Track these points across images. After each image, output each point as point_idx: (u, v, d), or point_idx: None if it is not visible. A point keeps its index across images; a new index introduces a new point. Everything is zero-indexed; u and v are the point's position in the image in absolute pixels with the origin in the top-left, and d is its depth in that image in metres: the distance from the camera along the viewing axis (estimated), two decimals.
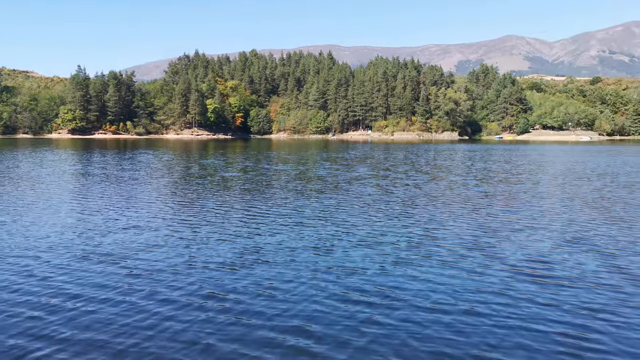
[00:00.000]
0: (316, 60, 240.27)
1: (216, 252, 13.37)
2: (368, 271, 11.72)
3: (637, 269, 11.92)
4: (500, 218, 18.58)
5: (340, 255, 13.09)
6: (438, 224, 17.33)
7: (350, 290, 10.40)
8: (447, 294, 10.25)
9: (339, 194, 25.02)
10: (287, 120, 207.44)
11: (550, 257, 12.97)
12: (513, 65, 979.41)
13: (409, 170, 40.98)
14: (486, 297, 10.05)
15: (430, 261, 12.59)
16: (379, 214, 19.38)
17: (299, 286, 10.60)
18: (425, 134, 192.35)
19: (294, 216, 18.75)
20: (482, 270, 11.81)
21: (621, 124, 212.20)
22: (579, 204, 22.21)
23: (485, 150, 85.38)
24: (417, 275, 11.45)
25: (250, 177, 33.68)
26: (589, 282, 10.94)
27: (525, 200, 23.33)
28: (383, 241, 14.71)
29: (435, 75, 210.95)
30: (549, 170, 41.42)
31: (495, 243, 14.48)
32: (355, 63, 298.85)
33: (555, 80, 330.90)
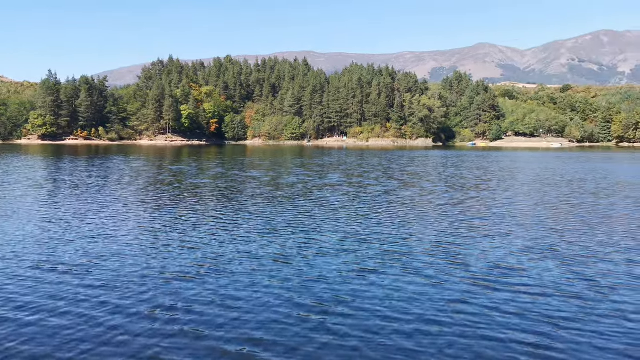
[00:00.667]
0: (291, 66, 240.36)
1: (175, 261, 13.10)
2: (328, 279, 11.57)
3: (599, 277, 11.96)
4: (467, 225, 18.62)
5: (302, 264, 12.92)
6: (405, 232, 17.28)
7: (307, 298, 10.25)
8: (407, 302, 10.14)
9: (308, 201, 24.86)
10: (262, 127, 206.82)
11: (514, 265, 12.96)
12: (486, 72, 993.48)
13: (381, 176, 41.08)
14: (446, 305, 9.96)
15: (392, 269, 12.47)
16: (345, 221, 19.27)
17: (253, 294, 10.42)
18: (400, 141, 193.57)
19: (258, 224, 18.53)
20: (444, 278, 11.73)
21: (590, 130, 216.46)
22: (546, 211, 22.41)
23: (458, 156, 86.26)
24: (377, 283, 11.34)
25: (219, 184, 33.36)
26: (552, 290, 10.91)
27: (493, 207, 23.48)
28: (347, 249, 14.58)
29: (409, 82, 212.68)
30: (519, 177, 41.95)
31: (460, 251, 14.45)
32: (331, 69, 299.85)
33: (526, 87, 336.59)
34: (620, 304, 10.08)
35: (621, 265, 12.96)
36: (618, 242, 15.74)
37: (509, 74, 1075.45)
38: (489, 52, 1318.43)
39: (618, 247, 14.92)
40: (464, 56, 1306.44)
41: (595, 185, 34.56)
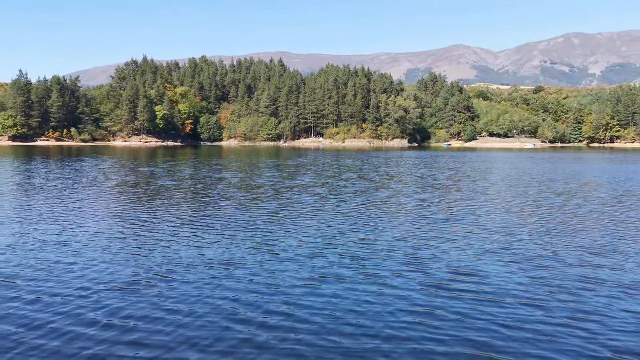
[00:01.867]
0: (267, 67, 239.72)
1: (122, 269, 12.53)
2: (280, 287, 11.11)
3: (560, 280, 11.77)
4: (436, 228, 18.34)
5: (255, 271, 12.44)
6: (370, 235, 16.94)
7: (248, 308, 9.80)
8: (360, 311, 9.74)
9: (274, 204, 24.38)
10: (238, 127, 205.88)
11: (478, 270, 12.67)
12: (460, 74, 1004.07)
13: (353, 178, 40.81)
14: (403, 314, 9.62)
15: (349, 275, 12.10)
16: (311, 224, 18.88)
17: (194, 304, 9.95)
18: (376, 142, 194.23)
19: (220, 228, 17.99)
20: (404, 285, 11.39)
21: (562, 131, 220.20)
22: (515, 213, 22.25)
23: (433, 157, 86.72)
24: (330, 289, 10.95)
25: (188, 186, 32.66)
26: (514, 297, 10.63)
27: (462, 209, 23.25)
28: (307, 254, 14.13)
29: (385, 83, 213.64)
30: (490, 179, 42.14)
31: (425, 255, 14.12)
32: (307, 70, 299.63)
33: (500, 89, 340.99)
34: (575, 311, 9.84)
35: (583, 267, 12.76)
36: (583, 244, 15.58)
37: (483, 75, 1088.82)
38: (464, 54, 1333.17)
39: (583, 250, 14.76)
40: (439, 57, 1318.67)
41: (565, 185, 34.76)
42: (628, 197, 28.22)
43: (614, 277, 11.93)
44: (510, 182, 38.17)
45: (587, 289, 11.04)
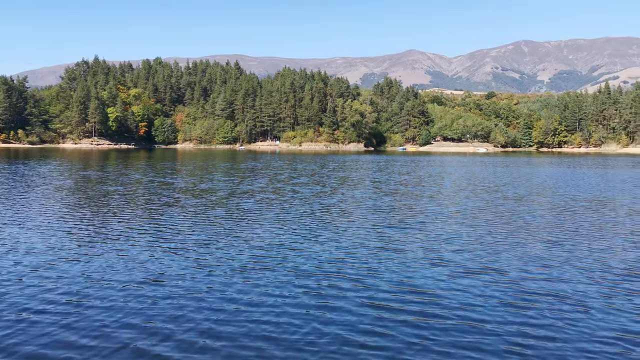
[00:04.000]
0: (223, 69, 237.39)
1: (35, 282, 11.57)
2: (196, 299, 10.43)
3: (503, 294, 11.55)
4: (384, 237, 18.01)
5: (179, 283, 11.74)
6: (314, 245, 16.41)
7: (152, 322, 9.16)
8: (288, 332, 9.14)
9: (220, 210, 23.60)
10: (193, 130, 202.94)
11: (423, 285, 12.31)
12: (415, 79, 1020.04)
13: (306, 182, 40.31)
14: (338, 335, 9.10)
15: (280, 286, 11.51)
16: (253, 233, 18.22)
17: (109, 318, 9.22)
18: (333, 145, 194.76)
19: (157, 237, 17.14)
20: (343, 302, 10.88)
21: (513, 136, 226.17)
22: (465, 220, 22.18)
23: (388, 161, 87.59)
24: (256, 302, 10.30)
25: (132, 192, 31.37)
26: (457, 315, 10.28)
27: (411, 216, 23.03)
28: (242, 266, 13.49)
29: (341, 87, 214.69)
30: (441, 183, 42.65)
31: (369, 267, 13.71)
32: (263, 73, 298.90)
33: (454, 94, 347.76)
34: (521, 324, 9.59)
35: (524, 279, 12.61)
36: (529, 253, 15.52)
37: (437, 80, 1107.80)
38: (418, 59, 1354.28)
39: (528, 259, 14.68)
40: (394, 62, 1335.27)
41: (514, 190, 35.24)
42: (575, 202, 29.00)
43: (558, 288, 11.79)
44: (462, 186, 38.71)
45: (531, 301, 10.83)
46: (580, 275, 12.90)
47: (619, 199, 30.30)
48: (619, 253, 15.45)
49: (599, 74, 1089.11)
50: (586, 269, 13.49)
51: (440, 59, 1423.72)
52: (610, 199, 30.53)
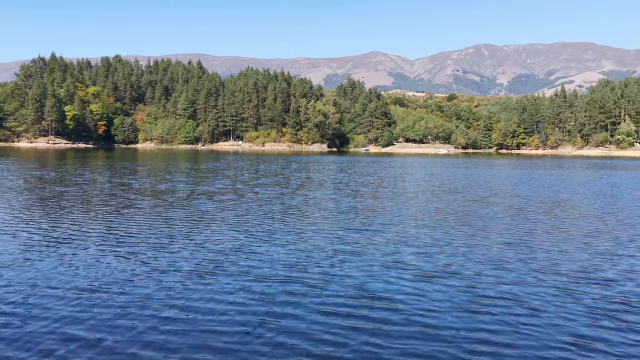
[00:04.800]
0: (185, 68, 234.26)
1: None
2: (142, 307, 9.91)
3: (461, 300, 11.42)
4: (341, 239, 17.74)
5: (125, 289, 11.21)
6: (269, 249, 15.99)
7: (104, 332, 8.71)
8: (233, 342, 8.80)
9: (176, 212, 22.90)
10: (154, 130, 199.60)
11: (376, 288, 12.10)
12: (378, 80, 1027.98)
13: (267, 183, 39.79)
14: (286, 345, 8.75)
15: (234, 295, 11.09)
16: (207, 237, 17.71)
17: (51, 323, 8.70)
18: (296, 146, 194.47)
19: (102, 240, 16.45)
20: (298, 309, 10.50)
21: (474, 138, 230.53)
22: (425, 222, 22.14)
23: (351, 162, 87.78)
24: (203, 312, 9.88)
25: (82, 192, 30.17)
26: (412, 321, 10.10)
27: (372, 218, 22.88)
28: (191, 268, 13.03)
29: (305, 87, 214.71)
30: (404, 185, 42.85)
31: (319, 272, 13.40)
32: (226, 73, 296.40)
33: (416, 96, 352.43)
34: (479, 330, 9.47)
35: (482, 282, 12.56)
36: (486, 254, 15.51)
37: (399, 82, 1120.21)
38: (381, 61, 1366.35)
39: (484, 260, 14.65)
40: (357, 63, 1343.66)
41: (474, 192, 35.60)
42: (532, 204, 29.44)
43: (514, 292, 11.76)
44: (422, 188, 38.94)
45: (487, 306, 10.74)
46: (536, 278, 12.91)
47: (573, 201, 30.92)
48: (574, 256, 15.59)
49: (555, 78, 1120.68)
50: (541, 271, 13.53)
51: (403, 60, 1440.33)
52: (565, 200, 31.12)
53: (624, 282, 12.66)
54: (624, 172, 66.35)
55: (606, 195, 34.19)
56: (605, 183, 45.61)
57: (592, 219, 23.32)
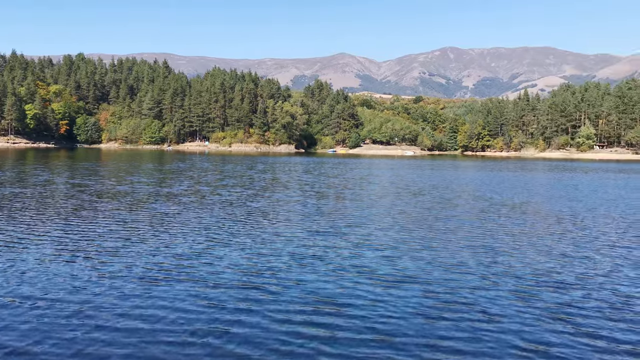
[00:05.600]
0: (151, 68, 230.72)
1: None
2: (87, 316, 9.51)
3: (412, 299, 11.32)
4: (302, 243, 17.47)
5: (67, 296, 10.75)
6: (228, 251, 15.65)
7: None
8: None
9: (134, 215, 22.27)
10: (118, 129, 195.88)
11: (333, 294, 11.86)
12: (345, 82, 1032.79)
13: (232, 185, 39.29)
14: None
15: (186, 302, 10.73)
16: (164, 237, 17.24)
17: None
18: (263, 146, 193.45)
19: (53, 244, 15.85)
20: (252, 318, 10.25)
21: (440, 140, 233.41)
22: (387, 225, 22.04)
23: (318, 163, 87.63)
24: (153, 321, 9.53)
25: (37, 193, 29.10)
26: (367, 328, 9.94)
27: (334, 221, 22.71)
28: (143, 273, 12.66)
29: (272, 88, 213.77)
30: (370, 187, 42.88)
31: (277, 278, 13.14)
32: (192, 73, 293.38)
33: (383, 98, 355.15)
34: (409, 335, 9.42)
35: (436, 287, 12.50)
36: (446, 258, 15.46)
37: (366, 84, 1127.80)
38: (348, 62, 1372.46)
39: (443, 264, 14.61)
40: (324, 65, 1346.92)
41: (438, 194, 35.77)
42: (494, 206, 29.71)
43: (472, 297, 11.73)
44: (388, 190, 38.99)
45: (443, 310, 10.66)
46: (493, 283, 12.91)
47: (535, 203, 31.38)
48: (532, 259, 15.68)
49: (518, 82, 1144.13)
50: (499, 276, 13.56)
51: (370, 63, 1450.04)
52: (526, 203, 31.54)
53: (580, 286, 12.76)
54: (584, 174, 67.91)
55: (567, 198, 34.81)
56: (566, 185, 46.53)
57: (551, 220, 23.64)
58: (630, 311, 10.84)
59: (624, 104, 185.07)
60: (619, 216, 25.68)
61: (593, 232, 20.72)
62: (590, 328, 9.81)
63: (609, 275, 13.68)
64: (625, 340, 9.26)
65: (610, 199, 34.22)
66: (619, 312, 10.74)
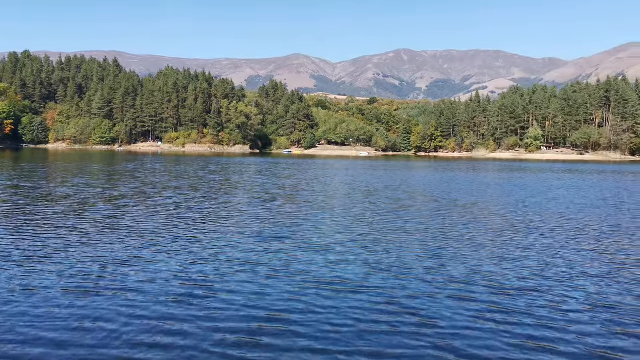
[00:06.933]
0: (100, 66, 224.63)
1: None
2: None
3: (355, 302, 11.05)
4: (244, 248, 16.97)
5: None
6: (163, 257, 15.02)
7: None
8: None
9: (66, 219, 21.20)
10: (66, 129, 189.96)
11: (270, 304, 11.52)
12: (300, 82, 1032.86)
13: (180, 186, 38.33)
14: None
15: (107, 311, 10.19)
16: (99, 243, 16.46)
17: None
18: (217, 147, 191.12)
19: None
20: (189, 338, 9.77)
21: (394, 140, 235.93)
22: (336, 227, 21.80)
23: (272, 164, 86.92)
24: (70, 339, 8.97)
25: None
26: (307, 339, 9.61)
27: (280, 223, 22.31)
28: (68, 284, 11.97)
29: (226, 88, 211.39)
30: (322, 188, 42.59)
31: (211, 287, 12.67)
32: (144, 72, 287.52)
33: (338, 98, 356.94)
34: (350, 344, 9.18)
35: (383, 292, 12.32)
36: (391, 262, 15.31)
37: (321, 85, 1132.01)
38: (303, 63, 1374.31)
39: (387, 269, 14.45)
40: (279, 65, 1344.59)
41: (391, 194, 35.82)
42: (446, 208, 29.95)
43: (419, 306, 11.57)
44: (340, 190, 38.82)
45: (385, 322, 10.42)
46: (433, 286, 12.79)
47: (484, 204, 31.79)
48: (476, 262, 15.68)
49: (470, 84, 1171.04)
50: (439, 279, 13.49)
51: (325, 63, 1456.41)
52: (475, 203, 31.91)
53: (520, 287, 12.78)
54: (532, 174, 69.70)
55: (514, 198, 35.45)
56: (515, 185, 47.53)
57: (497, 222, 23.90)
58: (568, 311, 10.88)
59: (569, 107, 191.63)
60: (563, 217, 26.23)
61: (537, 234, 20.99)
62: (528, 331, 9.74)
63: (550, 278, 13.77)
64: (558, 340, 9.23)
65: (555, 199, 35.05)
66: (557, 313, 10.75)
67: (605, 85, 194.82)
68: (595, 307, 11.22)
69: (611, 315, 10.67)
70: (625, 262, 15.68)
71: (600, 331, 9.79)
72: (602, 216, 26.36)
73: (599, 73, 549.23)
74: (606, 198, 36.46)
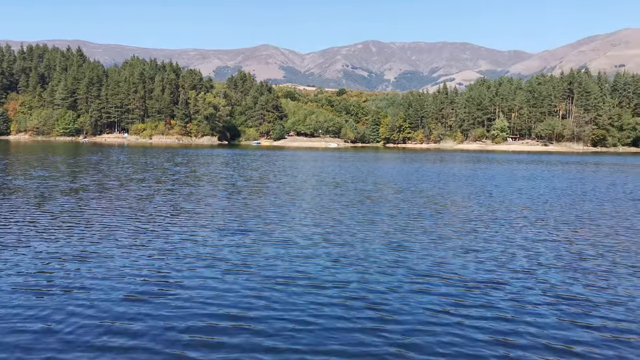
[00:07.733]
0: (63, 56, 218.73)
1: None
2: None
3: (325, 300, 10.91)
4: (204, 242, 16.65)
5: None
6: (117, 252, 14.59)
7: None
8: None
9: (21, 212, 20.50)
10: (29, 120, 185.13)
11: (228, 302, 11.22)
12: (269, 73, 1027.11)
13: (143, 179, 37.55)
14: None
15: (55, 313, 9.78)
16: (54, 239, 15.84)
17: None
18: (185, 138, 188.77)
19: None
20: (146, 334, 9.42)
21: (362, 132, 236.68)
22: (297, 222, 21.61)
23: (240, 155, 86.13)
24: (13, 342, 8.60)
25: None
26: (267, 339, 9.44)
27: (244, 217, 21.98)
28: (19, 282, 11.51)
29: (194, 79, 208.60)
30: (289, 179, 42.35)
31: (167, 283, 12.30)
32: (109, 62, 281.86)
33: (307, 90, 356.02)
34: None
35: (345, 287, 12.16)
36: (357, 256, 15.16)
37: (290, 76, 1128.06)
38: (272, 54, 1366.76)
39: (353, 264, 14.30)
40: (248, 56, 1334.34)
41: (360, 186, 35.74)
42: (413, 199, 30.01)
43: (372, 295, 11.46)
44: (308, 182, 38.60)
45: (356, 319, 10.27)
46: (395, 279, 12.71)
47: (450, 195, 31.99)
48: (439, 255, 15.68)
49: (438, 75, 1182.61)
50: (399, 269, 13.39)
51: (294, 54, 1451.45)
52: (442, 194, 32.08)
53: (480, 281, 12.79)
54: (498, 165, 70.68)
55: (480, 189, 35.79)
56: (481, 176, 48.05)
57: (462, 213, 24.04)
58: (528, 303, 10.91)
59: (534, 99, 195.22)
60: (527, 208, 26.55)
61: (500, 224, 21.17)
62: (490, 324, 9.71)
63: (512, 270, 13.84)
64: (518, 333, 9.22)
65: (519, 189, 35.52)
66: (517, 306, 10.77)
67: (569, 77, 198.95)
68: (554, 298, 11.28)
69: (570, 307, 10.73)
70: (585, 253, 15.88)
71: (558, 323, 9.82)
72: (564, 207, 26.79)
73: (562, 66, 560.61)
74: (568, 188, 37.14)
